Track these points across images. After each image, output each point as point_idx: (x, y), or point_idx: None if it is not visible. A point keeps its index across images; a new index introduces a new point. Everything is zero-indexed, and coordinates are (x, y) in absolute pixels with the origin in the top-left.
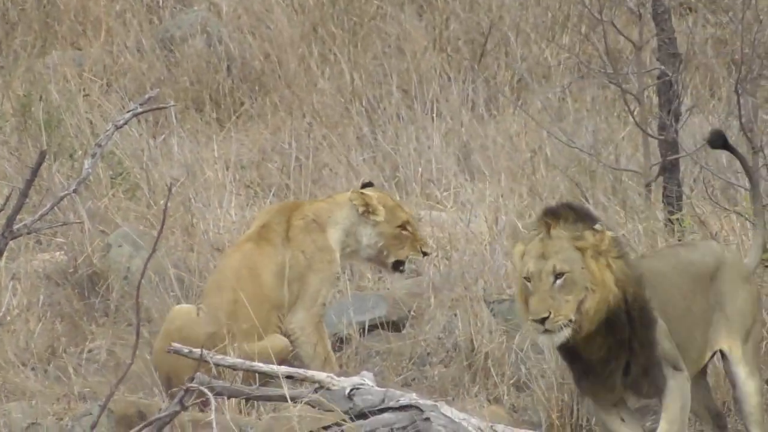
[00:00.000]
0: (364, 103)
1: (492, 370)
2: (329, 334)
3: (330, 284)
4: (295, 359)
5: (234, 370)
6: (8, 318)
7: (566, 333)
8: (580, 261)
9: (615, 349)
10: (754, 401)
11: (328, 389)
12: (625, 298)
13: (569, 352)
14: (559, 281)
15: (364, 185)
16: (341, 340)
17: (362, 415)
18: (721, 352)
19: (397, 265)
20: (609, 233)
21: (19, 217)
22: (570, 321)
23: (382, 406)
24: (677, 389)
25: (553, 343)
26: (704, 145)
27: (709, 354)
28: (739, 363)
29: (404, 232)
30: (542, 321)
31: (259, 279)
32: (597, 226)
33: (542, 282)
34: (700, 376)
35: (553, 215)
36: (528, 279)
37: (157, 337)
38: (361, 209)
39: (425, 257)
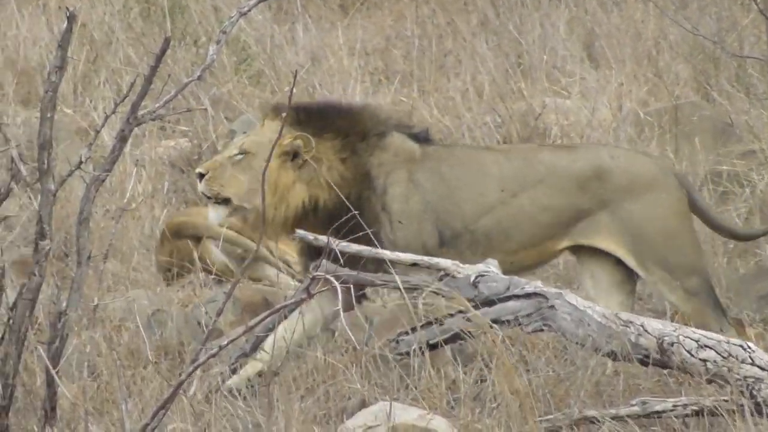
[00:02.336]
0: None
1: None
2: None
3: None
4: None
5: (359, 257)
6: (133, 205)
7: (223, 211)
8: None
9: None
10: (687, 310)
11: (452, 277)
12: (348, 198)
13: None
14: (239, 156)
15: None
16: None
17: (487, 303)
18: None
19: None
20: (288, 143)
21: (143, 103)
22: (228, 200)
23: (506, 294)
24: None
25: (211, 220)
26: None
27: (565, 244)
28: (648, 275)
29: None
30: (200, 176)
31: None
32: (301, 135)
33: (227, 150)
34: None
35: (273, 110)
36: None
37: None
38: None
39: None
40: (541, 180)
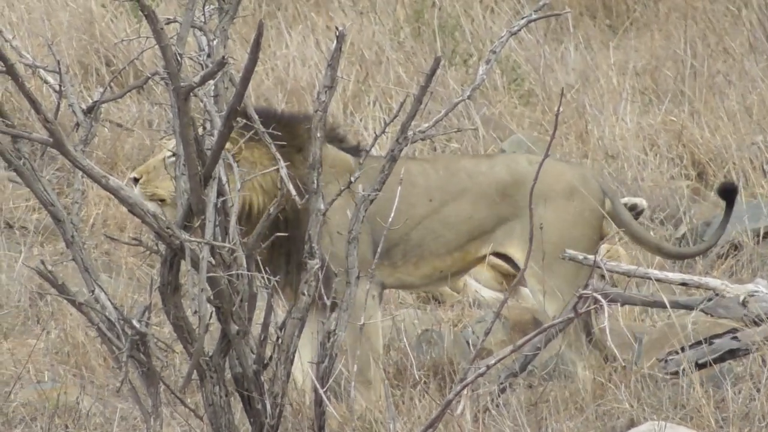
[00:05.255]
0: (756, 9)
1: None
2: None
3: None
4: None
5: (627, 276)
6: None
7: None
8: None
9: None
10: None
11: (722, 296)
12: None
13: None
14: (172, 158)
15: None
16: (735, 247)
17: (757, 322)
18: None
19: None
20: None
21: (413, 123)
22: (162, 200)
23: None
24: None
25: None
26: None
27: (483, 252)
28: (533, 279)
29: None
30: (135, 181)
31: None
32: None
33: (161, 153)
34: None
35: None
36: None
37: None
38: None
39: None
40: (465, 189)
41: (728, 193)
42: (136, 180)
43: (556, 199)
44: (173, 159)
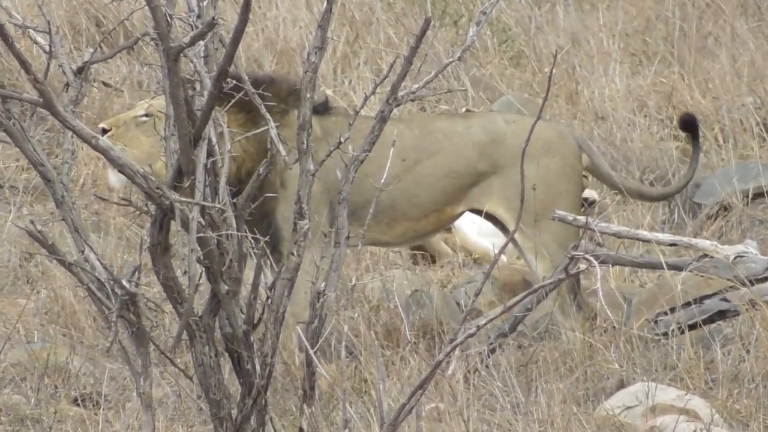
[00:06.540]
0: None
1: None
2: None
3: None
4: None
5: (618, 237)
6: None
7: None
8: None
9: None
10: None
11: (711, 257)
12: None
13: None
14: (144, 118)
15: None
16: (724, 208)
17: (746, 283)
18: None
19: None
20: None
21: (403, 84)
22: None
23: (765, 275)
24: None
25: (112, 184)
26: None
27: (459, 210)
28: (523, 240)
29: None
30: (103, 132)
31: None
32: None
33: (133, 110)
34: None
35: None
36: None
37: None
38: None
39: None
40: (440, 148)
41: (689, 124)
42: (105, 131)
43: (537, 156)
44: (146, 119)
